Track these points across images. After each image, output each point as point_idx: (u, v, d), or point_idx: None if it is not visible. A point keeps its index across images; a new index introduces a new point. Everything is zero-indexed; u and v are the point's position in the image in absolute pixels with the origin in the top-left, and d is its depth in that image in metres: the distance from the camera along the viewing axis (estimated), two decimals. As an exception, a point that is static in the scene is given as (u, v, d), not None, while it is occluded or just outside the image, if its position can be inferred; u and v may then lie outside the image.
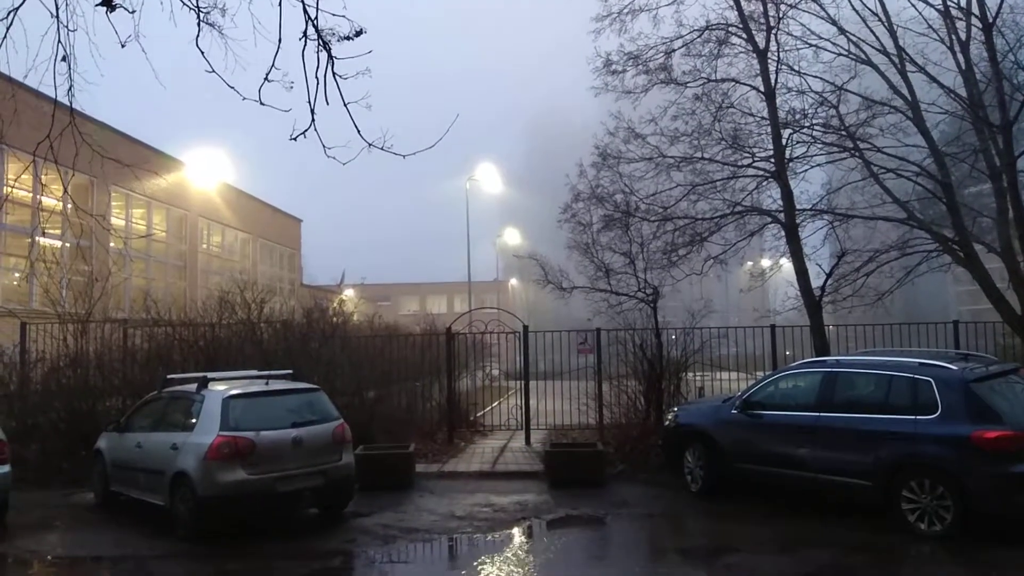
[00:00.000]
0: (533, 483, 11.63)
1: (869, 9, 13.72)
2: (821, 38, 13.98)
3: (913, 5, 13.59)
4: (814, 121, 13.97)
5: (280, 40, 4.58)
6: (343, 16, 4.55)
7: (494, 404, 17.97)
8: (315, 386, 10.46)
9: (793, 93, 14.17)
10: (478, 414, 17.13)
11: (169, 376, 10.67)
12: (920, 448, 8.39)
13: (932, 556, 8.01)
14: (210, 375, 9.97)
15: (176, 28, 4.98)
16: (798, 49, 14.13)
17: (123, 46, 4.80)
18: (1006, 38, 12.99)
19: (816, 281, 13.88)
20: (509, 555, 8.55)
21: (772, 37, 13.90)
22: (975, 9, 12.96)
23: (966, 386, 8.42)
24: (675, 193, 14.42)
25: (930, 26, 13.64)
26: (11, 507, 9.66)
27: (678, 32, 14.21)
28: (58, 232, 19.38)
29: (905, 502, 8.36)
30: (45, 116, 5.25)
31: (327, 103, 4.66)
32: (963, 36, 13.23)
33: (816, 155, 14.41)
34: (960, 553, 7.90)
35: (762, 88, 13.96)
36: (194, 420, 9.20)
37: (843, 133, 13.80)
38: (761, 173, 14.29)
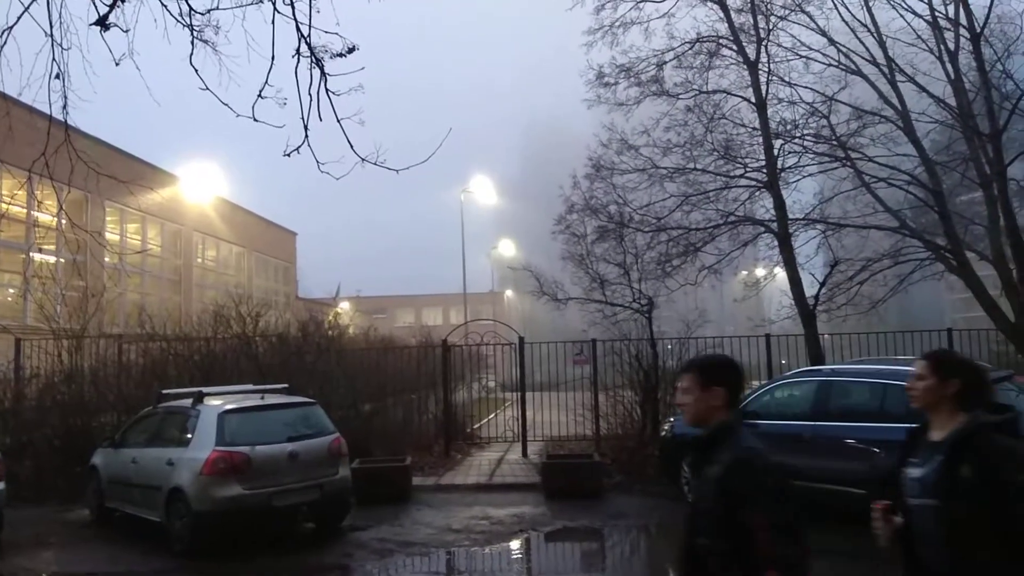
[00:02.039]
0: (530, 495, 11.62)
1: (858, 20, 13.88)
2: (811, 49, 14.15)
3: (902, 16, 13.75)
4: (805, 131, 14.08)
5: (273, 57, 4.62)
6: (336, 33, 4.59)
7: (490, 416, 17.94)
8: (311, 400, 10.44)
9: (784, 104, 14.31)
10: (474, 426, 17.11)
11: (164, 391, 10.65)
12: (915, 456, 8.39)
13: (929, 564, 8.00)
14: (205, 390, 9.95)
15: (170, 46, 5.01)
16: (788, 60, 14.29)
17: (117, 64, 4.82)
18: (994, 48, 13.11)
19: (810, 290, 13.96)
20: (506, 568, 8.53)
21: (763, 49, 14.03)
22: (963, 20, 13.10)
23: (960, 394, 8.43)
24: (668, 204, 14.50)
25: (919, 36, 13.79)
26: (5, 524, 9.58)
27: (669, 44, 14.37)
28: (53, 248, 19.39)
29: (901, 510, 8.36)
30: (40, 133, 5.26)
31: (320, 119, 4.68)
32: (952, 46, 13.36)
33: (808, 165, 14.53)
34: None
35: (753, 99, 14.07)
36: (189, 435, 9.18)
37: (834, 143, 13.90)
38: (753, 183, 14.38)
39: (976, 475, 2.77)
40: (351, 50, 4.53)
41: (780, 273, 14.84)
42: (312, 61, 4.61)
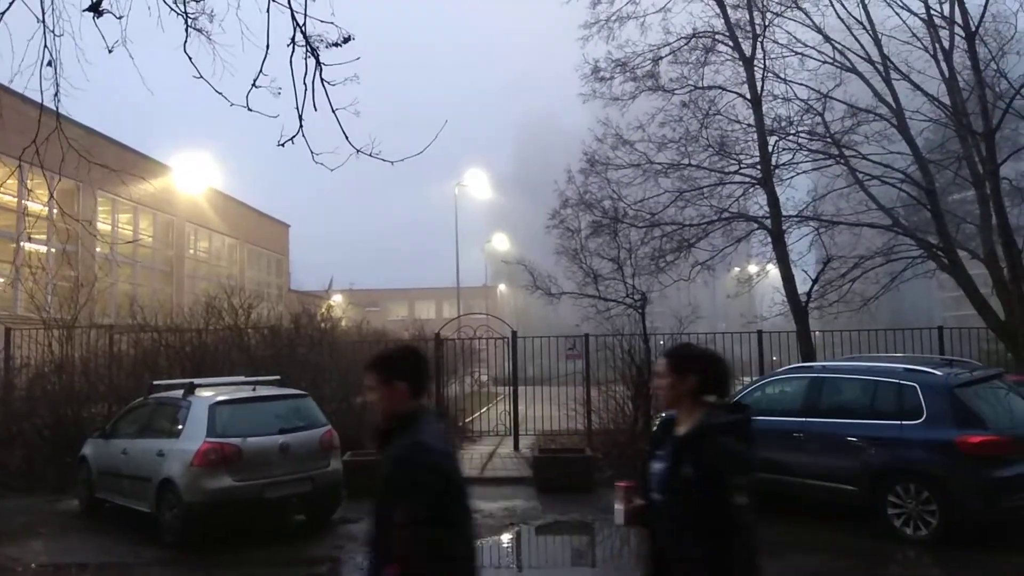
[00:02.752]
0: (521, 489, 11.63)
1: (854, 17, 13.90)
2: (807, 46, 14.17)
3: (897, 14, 13.79)
4: (800, 128, 14.12)
5: (268, 46, 4.58)
6: (331, 23, 4.56)
7: (482, 410, 17.95)
8: (303, 392, 10.42)
9: (779, 100, 14.33)
10: (467, 420, 17.11)
11: (155, 382, 10.61)
12: (905, 453, 8.44)
13: (917, 560, 8.07)
14: (197, 381, 9.91)
15: (164, 34, 4.97)
16: (784, 57, 14.31)
17: (110, 51, 4.78)
18: (988, 47, 13.14)
19: (802, 287, 13.99)
20: (497, 561, 8.54)
21: (758, 45, 14.02)
22: (958, 18, 13.13)
23: (950, 391, 8.49)
24: (663, 199, 14.51)
25: (914, 34, 13.82)
26: (-6, 514, 9.58)
27: (665, 39, 14.36)
28: (44, 237, 19.26)
29: (891, 507, 8.41)
30: (31, 120, 5.22)
31: (315, 109, 4.65)
32: (947, 44, 13.40)
33: (802, 162, 14.56)
34: (944, 557, 7.96)
35: (748, 95, 14.08)
36: (180, 426, 9.15)
37: (828, 140, 13.94)
38: (748, 180, 14.40)
39: (696, 475, 2.85)
40: (347, 40, 4.50)
41: (773, 270, 14.86)
42: (307, 50, 4.58)
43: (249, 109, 4.71)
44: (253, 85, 4.64)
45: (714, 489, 2.81)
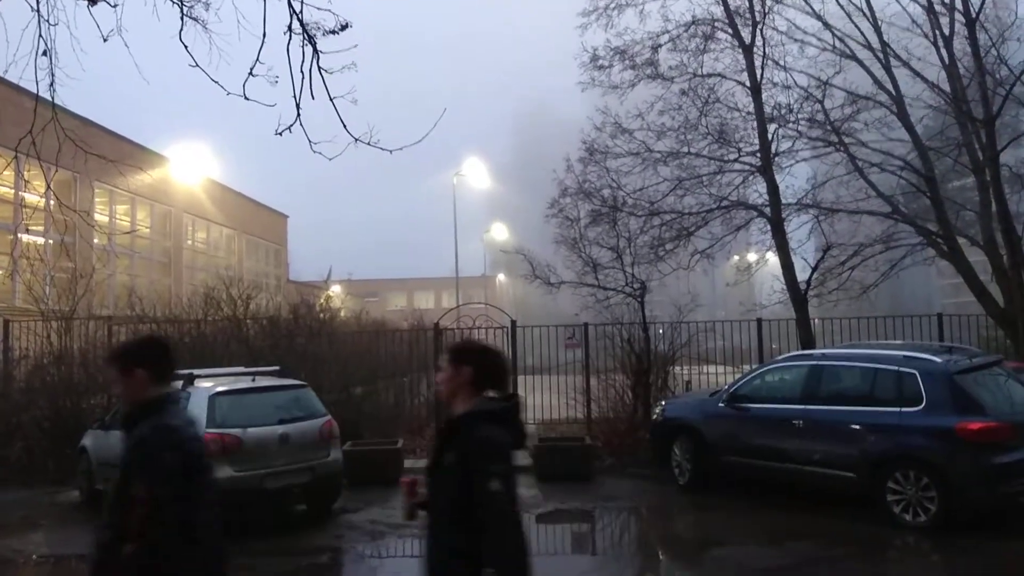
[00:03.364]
0: (522, 477, 11.52)
1: (854, 4, 13.81)
2: (806, 33, 14.10)
3: (897, 0, 13.70)
4: (799, 116, 14.03)
5: (264, 34, 4.55)
6: (328, 10, 4.53)
7: (482, 399, 17.96)
8: (302, 383, 10.41)
9: (779, 88, 14.23)
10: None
11: (154, 373, 10.58)
12: (905, 440, 8.46)
13: (916, 547, 8.10)
14: (196, 372, 9.90)
15: (159, 22, 4.93)
16: (784, 44, 14.22)
17: (105, 40, 4.75)
18: (989, 33, 13.08)
19: (802, 275, 13.97)
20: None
21: (758, 32, 13.93)
22: (958, 5, 13.06)
23: (950, 378, 8.50)
24: (662, 188, 14.45)
25: (914, 21, 13.76)
26: (-5, 506, 9.58)
27: (664, 27, 14.23)
28: (41, 229, 19.20)
29: (890, 493, 8.43)
30: (26, 111, 5.18)
31: (312, 97, 4.63)
32: (947, 31, 13.32)
33: (802, 150, 14.50)
34: (943, 544, 7.99)
35: (748, 83, 14.00)
36: (180, 417, 9.13)
37: (828, 128, 13.87)
38: (747, 168, 14.35)
39: (456, 462, 2.89)
40: (344, 27, 4.46)
41: (772, 258, 14.84)
42: (304, 38, 4.55)
43: (246, 98, 4.70)
44: (250, 74, 4.62)
45: (469, 475, 2.82)
